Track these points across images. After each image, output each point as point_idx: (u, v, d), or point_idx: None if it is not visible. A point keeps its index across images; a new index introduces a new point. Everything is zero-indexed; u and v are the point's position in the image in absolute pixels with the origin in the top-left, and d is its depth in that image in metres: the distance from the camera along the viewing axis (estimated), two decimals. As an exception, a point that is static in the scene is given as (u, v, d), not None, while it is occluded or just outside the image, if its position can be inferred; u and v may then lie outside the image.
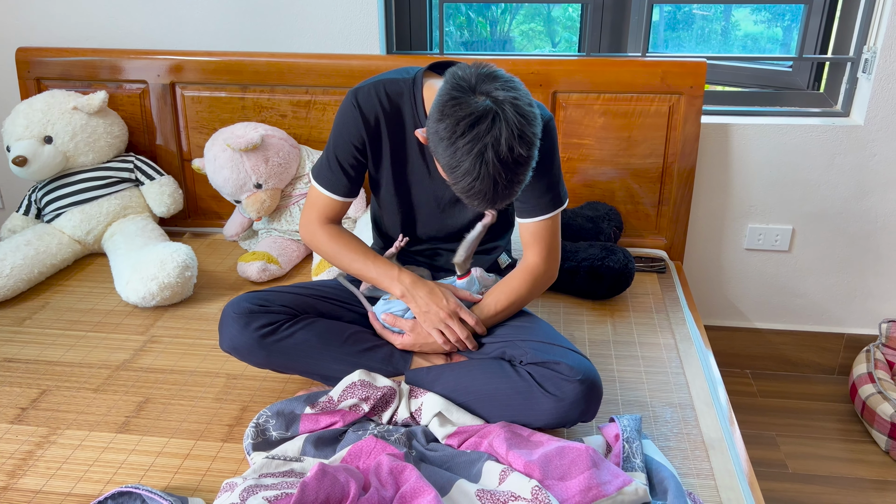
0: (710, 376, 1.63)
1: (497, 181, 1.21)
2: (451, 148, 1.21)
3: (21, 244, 2.03)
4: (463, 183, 1.23)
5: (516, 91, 1.23)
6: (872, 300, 2.33)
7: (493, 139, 1.19)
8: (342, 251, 1.51)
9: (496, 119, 1.19)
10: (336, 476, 1.17)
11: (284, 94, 2.24)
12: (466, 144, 1.19)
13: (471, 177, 1.21)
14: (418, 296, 1.45)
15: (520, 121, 1.20)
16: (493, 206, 1.28)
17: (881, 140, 2.13)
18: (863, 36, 2.11)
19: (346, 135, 1.47)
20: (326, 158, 1.51)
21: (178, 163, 2.36)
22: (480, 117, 1.19)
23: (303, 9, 2.22)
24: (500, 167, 1.20)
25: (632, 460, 1.29)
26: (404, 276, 1.47)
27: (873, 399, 2.07)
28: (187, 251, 1.93)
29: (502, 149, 1.19)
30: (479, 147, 1.19)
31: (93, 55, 2.27)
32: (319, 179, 1.52)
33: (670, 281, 2.08)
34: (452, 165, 1.22)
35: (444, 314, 1.43)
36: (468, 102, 1.20)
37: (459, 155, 1.20)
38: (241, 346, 1.44)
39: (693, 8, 2.70)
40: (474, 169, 1.20)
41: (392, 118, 1.45)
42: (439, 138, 1.22)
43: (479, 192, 1.23)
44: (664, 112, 2.11)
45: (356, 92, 1.45)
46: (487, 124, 1.19)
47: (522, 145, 1.20)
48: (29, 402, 1.55)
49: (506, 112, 1.20)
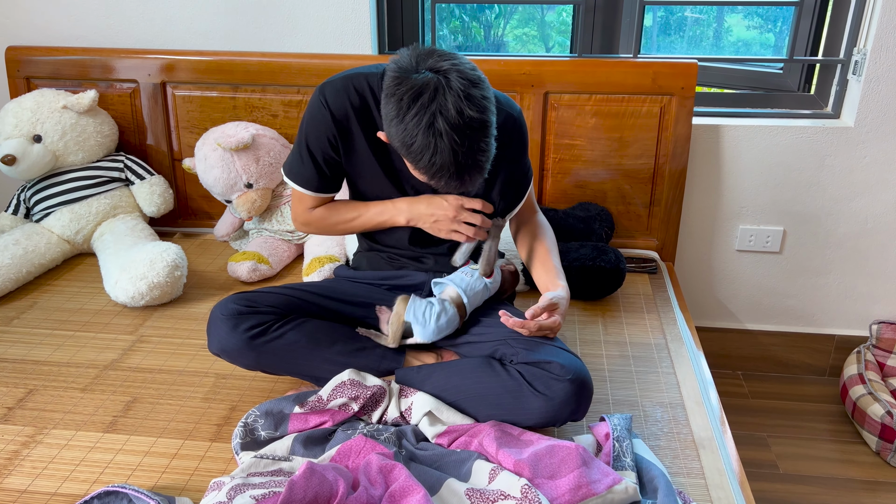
0: (700, 376, 1.63)
1: (455, 150, 1.18)
2: (400, 125, 1.19)
3: (9, 243, 2.01)
4: (423, 161, 1.20)
5: (457, 59, 1.21)
6: (863, 301, 2.33)
7: (439, 106, 1.17)
8: (338, 216, 1.53)
9: (439, 87, 1.17)
10: (324, 475, 1.16)
11: (276, 93, 2.23)
12: (414, 118, 1.17)
13: (428, 151, 1.18)
14: (420, 209, 1.45)
15: (464, 84, 1.18)
16: (462, 184, 1.24)
17: (871, 142, 2.14)
18: (853, 38, 2.12)
19: (316, 131, 1.45)
20: (299, 154, 1.49)
21: (169, 162, 2.35)
22: (423, 87, 1.17)
23: (295, 8, 2.21)
24: (454, 133, 1.17)
25: (622, 459, 1.29)
26: (399, 203, 1.47)
27: (864, 400, 2.07)
28: (177, 251, 1.92)
29: (451, 113, 1.16)
30: (427, 118, 1.16)
31: (83, 54, 2.26)
32: (293, 176, 1.51)
33: (661, 281, 2.08)
34: (407, 143, 1.20)
35: (452, 212, 1.43)
36: (410, 78, 1.19)
37: (410, 130, 1.18)
38: (230, 349, 1.42)
39: (685, 10, 2.71)
40: (428, 142, 1.17)
41: (361, 113, 1.43)
42: (388, 120, 1.21)
43: (441, 168, 1.20)
44: (655, 113, 2.11)
45: (323, 88, 1.43)
46: (430, 93, 1.17)
47: (472, 107, 1.18)
48: (16, 401, 1.54)
49: (449, 80, 1.18)
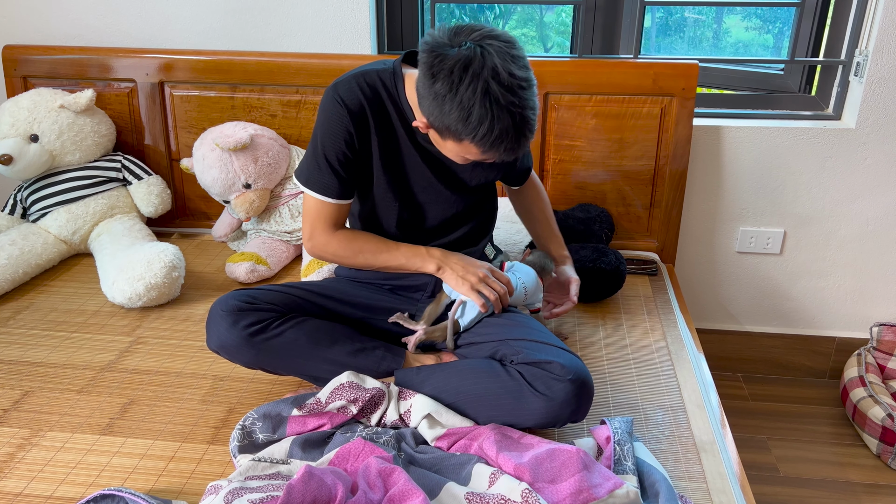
0: (701, 379, 1.62)
1: (513, 112, 1.22)
2: (455, 99, 1.21)
3: (6, 244, 2.00)
4: (482, 130, 1.23)
5: (484, 27, 1.26)
6: (864, 304, 2.33)
7: (489, 72, 1.20)
8: (364, 250, 1.49)
9: (484, 54, 1.21)
10: (323, 478, 1.15)
11: (274, 93, 2.22)
12: (468, 88, 1.20)
13: (487, 120, 1.21)
14: (453, 263, 1.47)
15: (504, 46, 1.23)
16: (520, 147, 1.28)
17: (872, 143, 2.13)
18: (854, 39, 2.11)
19: (332, 131, 1.42)
20: (315, 161, 1.45)
21: (167, 162, 2.34)
22: (469, 58, 1.21)
23: (293, 8, 2.20)
24: (509, 95, 1.21)
25: (623, 463, 1.28)
26: (434, 251, 1.49)
27: (864, 402, 2.06)
28: (175, 251, 1.91)
29: (503, 76, 1.20)
30: (481, 85, 1.20)
31: (81, 53, 2.25)
32: (311, 185, 1.46)
33: (662, 283, 2.07)
34: (464, 118, 1.22)
35: (481, 274, 1.46)
36: (451, 54, 1.22)
37: (466, 102, 1.21)
38: (229, 345, 1.41)
39: (685, 11, 2.70)
40: (486, 109, 1.21)
41: (375, 108, 1.43)
42: (440, 99, 1.23)
43: (501, 134, 1.23)
44: (656, 114, 2.10)
45: (336, 86, 1.42)
46: (479, 61, 1.20)
47: (518, 67, 1.23)
48: (11, 403, 1.52)
49: (488, 46, 1.22)
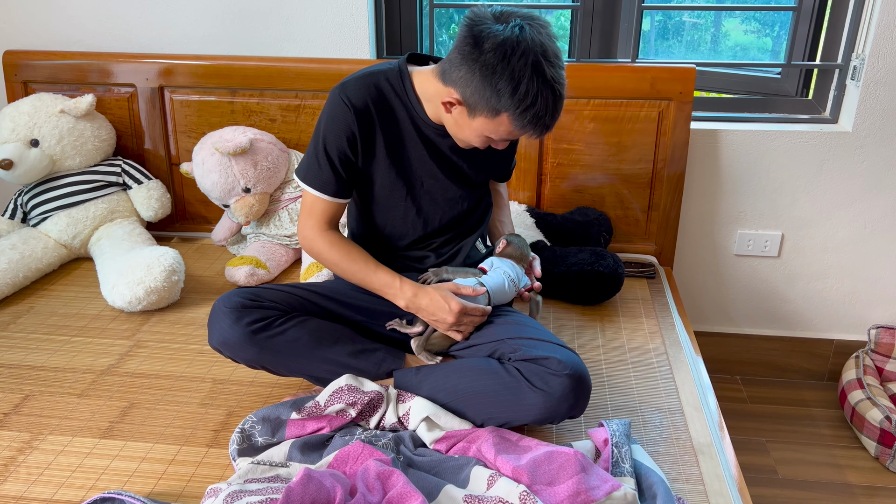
0: (699, 381, 1.63)
1: (554, 88, 1.29)
2: (507, 69, 1.27)
3: (6, 248, 2.01)
4: (526, 103, 1.28)
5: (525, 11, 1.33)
6: (861, 306, 2.33)
7: (539, 48, 1.27)
8: (343, 260, 1.48)
9: (532, 32, 1.28)
10: (322, 481, 1.16)
11: (274, 98, 2.23)
12: (520, 60, 1.26)
13: (533, 92, 1.27)
14: (422, 306, 1.44)
15: (542, 28, 1.30)
16: (552, 123, 1.34)
17: (869, 146, 2.14)
18: (851, 43, 2.12)
19: (336, 130, 1.43)
20: (316, 158, 1.46)
21: (167, 167, 2.35)
22: (520, 36, 1.27)
23: (293, 13, 2.21)
24: (553, 71, 1.28)
25: (621, 465, 1.28)
26: (406, 288, 1.45)
27: (863, 405, 2.07)
28: (174, 255, 1.91)
29: (549, 53, 1.28)
30: (532, 59, 1.26)
31: (81, 58, 2.26)
32: (309, 181, 1.48)
33: (660, 286, 2.08)
34: (513, 89, 1.27)
35: (452, 318, 1.42)
36: (500, 30, 1.28)
37: (517, 73, 1.26)
38: (231, 341, 1.41)
39: (683, 15, 2.71)
40: (535, 83, 1.27)
41: (381, 107, 1.45)
42: (489, 69, 1.27)
43: (542, 108, 1.29)
44: (654, 118, 2.11)
45: (343, 86, 1.44)
46: (529, 38, 1.27)
47: (552, 43, 1.30)
48: (11, 407, 1.53)
49: (530, 27, 1.29)
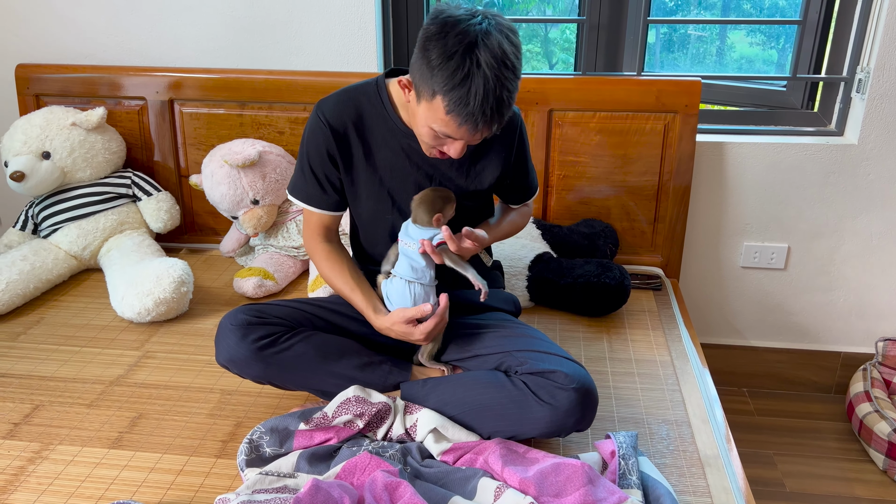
0: (706, 393, 1.63)
1: (488, 79, 1.23)
2: (441, 41, 1.24)
3: (17, 259, 2.03)
4: (452, 81, 1.24)
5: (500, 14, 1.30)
6: (869, 319, 2.33)
7: (483, 35, 1.24)
8: (333, 273, 1.53)
9: (487, 25, 1.25)
10: (329, 492, 1.16)
11: (282, 110, 2.25)
12: (457, 36, 1.23)
13: (462, 72, 1.23)
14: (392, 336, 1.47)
15: (507, 27, 1.27)
16: (476, 125, 1.27)
17: (875, 159, 2.14)
18: (856, 56, 2.13)
19: (315, 146, 1.49)
20: (301, 172, 1.53)
21: (176, 179, 2.37)
22: (470, 18, 1.26)
23: (301, 27, 2.23)
24: (494, 63, 1.23)
25: (628, 477, 1.28)
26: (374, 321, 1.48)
27: (870, 418, 2.06)
28: (183, 266, 1.93)
29: (493, 44, 1.23)
30: (470, 38, 1.23)
31: (92, 72, 2.29)
32: (295, 193, 1.55)
33: (666, 298, 2.08)
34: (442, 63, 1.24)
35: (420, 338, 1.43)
36: (457, 11, 1.27)
37: (450, 48, 1.23)
38: (237, 358, 1.43)
39: (689, 29, 2.73)
40: (467, 63, 1.23)
41: (359, 122, 1.48)
42: (429, 42, 1.26)
43: (471, 94, 1.23)
44: (659, 130, 2.12)
45: (320, 105, 1.48)
46: (476, 23, 1.25)
47: (510, 46, 1.25)
48: (22, 417, 1.54)
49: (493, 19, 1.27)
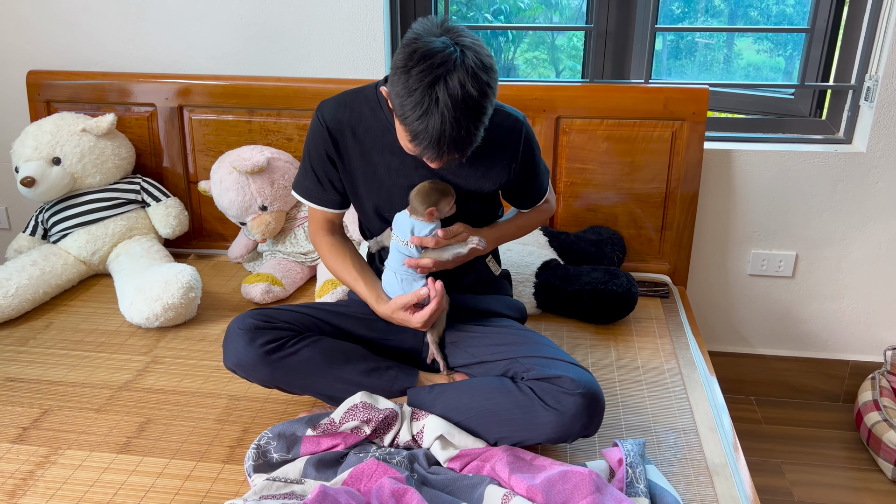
0: (713, 401, 1.63)
1: (444, 119, 1.21)
2: (404, 76, 1.22)
3: (27, 264, 2.04)
4: (412, 117, 1.23)
5: (478, 42, 1.26)
6: (877, 327, 2.32)
7: (446, 72, 1.20)
8: (337, 263, 1.58)
9: (452, 57, 1.21)
10: (337, 498, 1.16)
11: (291, 117, 2.26)
12: (419, 74, 1.20)
13: (420, 109, 1.21)
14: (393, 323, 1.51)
15: (476, 64, 1.22)
16: (439, 156, 1.27)
17: (883, 167, 2.14)
18: (864, 64, 2.13)
19: (315, 147, 1.53)
20: (304, 170, 1.58)
21: (185, 185, 2.38)
22: (438, 50, 1.21)
23: (310, 34, 2.25)
24: (450, 103, 1.20)
25: (635, 485, 1.28)
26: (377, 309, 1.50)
27: (879, 427, 2.05)
28: (192, 272, 1.94)
29: (453, 84, 1.20)
30: (430, 78, 1.20)
31: (102, 78, 2.30)
32: (297, 189, 1.60)
33: (674, 306, 2.08)
34: (402, 96, 1.22)
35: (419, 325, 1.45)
36: (430, 40, 1.22)
37: (412, 84, 1.21)
38: (245, 362, 1.44)
39: (696, 36, 2.73)
40: (423, 101, 1.21)
41: (357, 124, 1.50)
42: (395, 69, 1.24)
43: (425, 131, 1.22)
44: (667, 138, 2.12)
45: (321, 106, 1.52)
46: (442, 57, 1.20)
47: (475, 88, 1.22)
48: (30, 421, 1.55)
49: (465, 55, 1.22)
